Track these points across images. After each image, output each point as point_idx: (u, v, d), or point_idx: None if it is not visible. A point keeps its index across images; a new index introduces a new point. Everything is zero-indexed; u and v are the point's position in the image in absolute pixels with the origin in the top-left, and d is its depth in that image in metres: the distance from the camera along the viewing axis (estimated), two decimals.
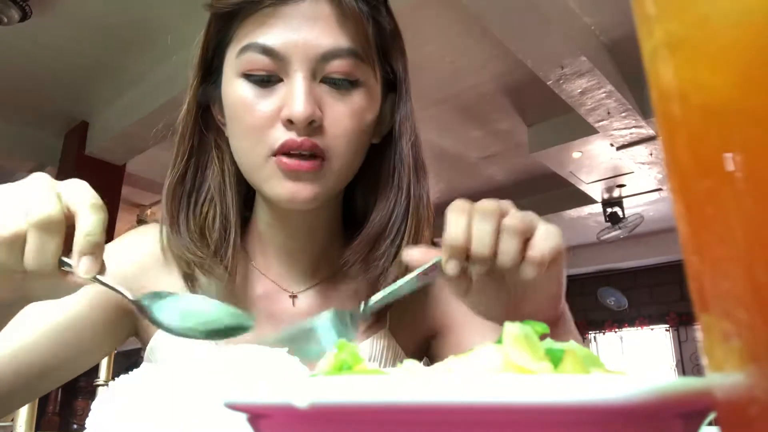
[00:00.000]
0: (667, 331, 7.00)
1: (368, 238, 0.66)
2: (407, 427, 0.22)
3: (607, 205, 5.27)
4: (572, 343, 0.28)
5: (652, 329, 7.12)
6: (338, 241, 0.72)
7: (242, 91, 0.61)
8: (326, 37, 0.60)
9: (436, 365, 0.30)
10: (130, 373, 0.45)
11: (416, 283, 0.50)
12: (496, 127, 4.31)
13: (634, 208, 5.35)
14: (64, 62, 3.43)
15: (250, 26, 0.61)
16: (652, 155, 4.11)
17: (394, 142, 0.68)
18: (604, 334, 7.44)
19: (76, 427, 2.94)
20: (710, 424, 0.24)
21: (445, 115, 4.04)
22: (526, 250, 0.47)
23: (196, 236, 0.65)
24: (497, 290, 0.52)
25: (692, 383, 0.21)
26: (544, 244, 0.47)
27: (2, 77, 3.56)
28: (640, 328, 7.20)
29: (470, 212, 0.47)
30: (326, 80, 0.60)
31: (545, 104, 3.86)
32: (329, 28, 0.60)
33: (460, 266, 0.47)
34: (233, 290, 0.68)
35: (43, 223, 0.42)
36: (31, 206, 0.43)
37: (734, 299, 0.20)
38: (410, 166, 0.67)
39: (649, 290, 7.19)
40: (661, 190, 4.92)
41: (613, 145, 4.01)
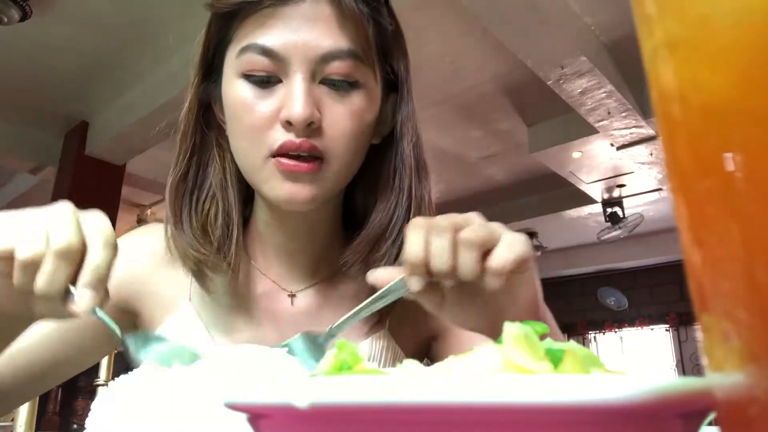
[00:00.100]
0: (667, 331, 7.00)
1: (369, 238, 0.66)
2: (407, 427, 0.22)
3: (607, 205, 5.27)
4: (572, 343, 0.28)
5: (652, 329, 7.11)
6: (338, 241, 0.72)
7: (242, 91, 0.61)
8: (326, 38, 0.59)
9: (436, 365, 0.30)
10: (130, 373, 0.45)
11: (384, 301, 0.51)
12: (496, 127, 4.31)
13: (634, 208, 5.35)
14: (64, 62, 3.43)
15: (249, 27, 0.61)
16: (652, 155, 4.11)
17: (395, 142, 0.68)
18: (604, 334, 7.43)
19: (76, 427, 2.94)
20: (710, 424, 0.24)
21: (445, 115, 4.04)
22: (487, 261, 0.47)
23: (198, 233, 0.65)
24: (472, 302, 0.52)
25: (692, 383, 0.21)
26: (504, 254, 0.46)
27: (2, 77, 3.56)
28: (640, 328, 7.19)
29: (427, 229, 0.47)
30: (325, 81, 0.60)
31: (545, 104, 3.86)
32: (329, 29, 0.60)
33: (422, 282, 0.48)
34: (236, 287, 0.68)
35: (62, 251, 0.44)
36: (54, 233, 0.45)
37: (734, 299, 0.20)
38: (411, 166, 0.67)
39: (649, 290, 7.18)
40: (661, 190, 4.92)
41: (613, 145, 4.01)
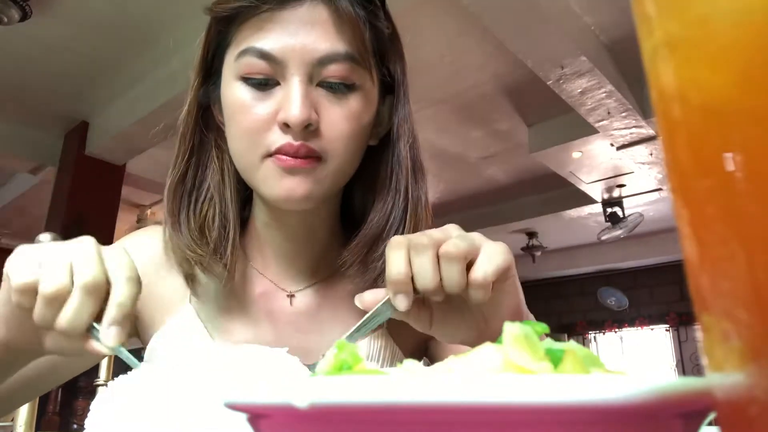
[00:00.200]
0: (667, 331, 7.00)
1: (366, 239, 0.66)
2: (407, 427, 0.22)
3: (607, 205, 5.27)
4: (572, 343, 0.28)
5: (652, 329, 7.11)
6: (337, 241, 0.72)
7: (240, 93, 0.61)
8: (323, 41, 0.60)
9: (436, 365, 0.30)
10: (129, 373, 0.45)
11: (373, 323, 0.51)
12: (496, 127, 4.31)
13: (634, 208, 5.35)
14: (64, 62, 3.43)
15: (248, 30, 0.61)
16: (652, 155, 4.11)
17: (392, 144, 0.69)
18: (604, 334, 7.44)
19: (76, 427, 2.94)
20: (710, 424, 0.24)
21: (445, 115, 4.04)
22: (470, 273, 0.47)
23: (196, 234, 0.65)
24: (459, 316, 0.52)
25: (692, 383, 0.21)
26: (486, 265, 0.47)
27: (2, 77, 3.56)
28: (640, 328, 7.19)
29: (408, 247, 0.47)
30: (323, 84, 0.61)
31: (545, 104, 3.86)
32: (326, 32, 0.61)
33: (409, 300, 0.47)
34: (232, 288, 0.69)
35: (89, 287, 0.44)
36: (79, 268, 0.44)
37: (734, 299, 0.20)
38: (408, 168, 0.67)
39: (649, 290, 7.18)
40: (661, 190, 4.92)
41: (613, 145, 4.01)
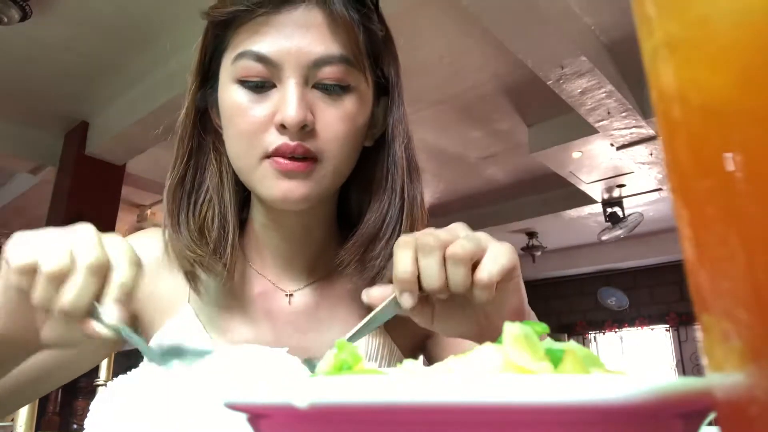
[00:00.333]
0: (667, 331, 7.00)
1: (363, 238, 0.67)
2: (407, 427, 0.22)
3: (607, 205, 5.27)
4: (572, 343, 0.28)
5: (652, 329, 7.11)
6: (334, 241, 0.73)
7: (237, 96, 0.62)
8: (318, 44, 0.61)
9: (436, 365, 0.30)
10: (129, 373, 0.45)
11: (379, 321, 0.51)
12: (496, 127, 4.31)
13: (634, 208, 5.35)
14: (64, 62, 3.43)
15: (244, 34, 0.62)
16: (652, 155, 4.11)
17: (387, 145, 0.69)
18: (604, 334, 7.43)
19: (76, 427, 2.94)
20: (710, 424, 0.24)
21: (445, 115, 4.04)
22: (475, 273, 0.47)
23: (195, 235, 0.66)
24: (461, 312, 0.53)
25: (692, 383, 0.21)
26: (491, 265, 0.47)
27: (2, 77, 3.56)
28: (640, 328, 7.19)
29: (415, 247, 0.48)
30: (318, 86, 0.62)
31: (545, 104, 3.86)
32: (321, 35, 0.61)
33: (414, 298, 0.48)
34: (231, 289, 0.70)
35: (93, 266, 0.44)
36: (82, 250, 0.45)
37: (734, 299, 0.20)
38: (404, 168, 0.68)
39: (649, 290, 7.18)
40: (661, 190, 4.92)
41: (613, 145, 4.01)
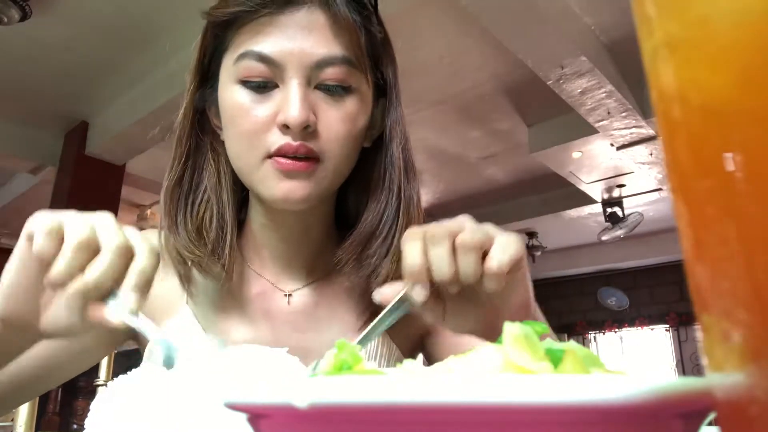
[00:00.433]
0: (667, 331, 7.00)
1: (360, 237, 0.67)
2: (407, 427, 0.22)
3: (607, 205, 5.27)
4: (572, 343, 0.28)
5: (652, 329, 7.11)
6: (332, 241, 0.73)
7: (239, 96, 0.62)
8: (321, 45, 0.61)
9: (436, 365, 0.30)
10: (129, 373, 0.45)
11: (391, 318, 0.51)
12: (496, 127, 4.31)
13: (634, 208, 5.34)
14: (64, 62, 3.43)
15: (246, 34, 0.62)
16: (652, 155, 4.11)
17: (384, 145, 0.70)
18: (604, 334, 7.43)
19: (76, 427, 2.95)
20: (710, 424, 0.24)
21: (444, 115, 4.04)
22: (485, 263, 0.47)
23: (193, 235, 0.66)
24: (471, 307, 0.53)
25: (692, 383, 0.21)
26: (501, 255, 0.47)
27: (2, 77, 3.56)
28: (640, 328, 7.19)
29: (423, 238, 0.48)
30: (320, 87, 0.62)
31: (545, 104, 3.86)
32: (324, 37, 0.62)
33: (425, 291, 0.48)
34: (230, 289, 0.69)
35: (121, 247, 0.44)
36: (107, 231, 0.45)
37: (734, 299, 0.20)
38: (401, 168, 0.69)
39: (649, 290, 7.18)
40: (661, 190, 4.92)
41: (613, 145, 4.01)
